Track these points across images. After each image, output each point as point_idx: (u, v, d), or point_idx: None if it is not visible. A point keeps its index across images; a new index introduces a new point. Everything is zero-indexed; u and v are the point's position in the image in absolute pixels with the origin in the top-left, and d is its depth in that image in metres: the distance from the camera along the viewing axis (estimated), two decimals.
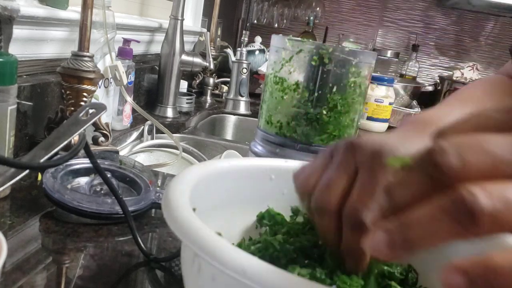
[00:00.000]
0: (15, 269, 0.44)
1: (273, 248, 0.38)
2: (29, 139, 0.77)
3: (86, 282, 0.45)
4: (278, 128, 0.66)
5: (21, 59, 0.75)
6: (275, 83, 0.67)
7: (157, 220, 0.61)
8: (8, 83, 0.58)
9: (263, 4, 2.89)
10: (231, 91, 1.58)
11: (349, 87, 0.64)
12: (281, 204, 0.46)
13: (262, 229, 0.45)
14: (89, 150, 0.49)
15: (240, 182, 0.44)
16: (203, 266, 0.30)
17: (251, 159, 0.46)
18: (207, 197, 0.38)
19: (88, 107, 0.51)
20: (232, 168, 0.43)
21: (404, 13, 2.79)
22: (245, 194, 0.45)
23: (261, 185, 0.45)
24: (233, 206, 0.43)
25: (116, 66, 0.97)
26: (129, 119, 1.09)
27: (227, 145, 1.18)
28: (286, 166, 0.47)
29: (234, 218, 0.43)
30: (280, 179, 0.46)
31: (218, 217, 0.41)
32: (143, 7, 1.36)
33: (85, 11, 0.74)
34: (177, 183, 0.36)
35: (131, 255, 0.51)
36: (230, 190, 0.43)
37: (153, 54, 1.41)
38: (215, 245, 0.28)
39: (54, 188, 0.56)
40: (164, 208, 0.33)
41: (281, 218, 0.45)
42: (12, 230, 0.51)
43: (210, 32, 1.63)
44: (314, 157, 0.37)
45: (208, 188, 0.39)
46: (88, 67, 0.75)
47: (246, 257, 0.27)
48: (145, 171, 0.66)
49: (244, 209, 0.45)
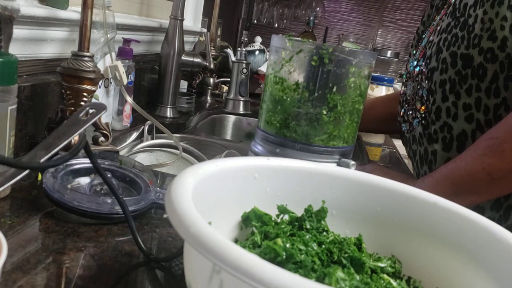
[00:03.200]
0: (15, 269, 0.44)
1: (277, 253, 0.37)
2: (29, 139, 0.77)
3: (86, 282, 0.45)
4: (278, 128, 0.66)
5: (21, 59, 0.75)
6: (275, 83, 0.67)
7: (157, 220, 0.61)
8: (8, 83, 0.58)
9: (263, 4, 2.89)
10: (231, 91, 1.59)
11: (349, 87, 0.64)
12: (265, 202, 0.46)
13: (248, 230, 0.45)
14: (89, 150, 0.49)
15: (225, 182, 0.44)
16: (228, 284, 0.29)
17: (234, 159, 0.46)
18: (195, 201, 0.38)
19: (88, 107, 0.51)
20: (217, 169, 0.42)
21: (404, 13, 2.79)
22: (230, 194, 0.45)
23: (245, 184, 0.46)
24: (219, 208, 0.43)
25: (116, 66, 0.97)
26: (129, 119, 1.09)
27: (227, 145, 1.18)
28: (268, 165, 0.47)
29: (220, 220, 0.43)
30: (263, 178, 0.46)
31: (206, 220, 0.40)
32: (143, 7, 1.36)
33: (85, 11, 0.74)
34: (178, 191, 0.35)
35: (131, 255, 0.51)
36: (215, 192, 0.43)
37: (153, 54, 1.41)
38: (251, 262, 0.26)
39: (54, 188, 0.56)
40: (180, 224, 0.31)
41: (268, 218, 0.45)
42: (12, 230, 0.51)
43: (210, 32, 1.63)
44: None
45: (196, 191, 0.38)
46: (88, 67, 0.75)
47: (289, 276, 0.25)
48: (145, 171, 0.66)
49: (230, 210, 0.45)
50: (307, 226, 0.45)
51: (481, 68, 0.75)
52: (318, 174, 0.48)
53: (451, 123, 0.80)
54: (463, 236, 0.42)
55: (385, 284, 0.39)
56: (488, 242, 0.40)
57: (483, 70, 0.75)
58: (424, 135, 0.86)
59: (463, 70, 0.77)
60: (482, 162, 0.69)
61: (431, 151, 0.85)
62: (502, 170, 0.67)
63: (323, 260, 0.40)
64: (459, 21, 0.80)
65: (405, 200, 0.46)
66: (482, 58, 0.75)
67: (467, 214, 0.43)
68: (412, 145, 0.92)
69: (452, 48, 0.79)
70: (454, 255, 0.43)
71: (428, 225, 0.45)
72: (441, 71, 0.81)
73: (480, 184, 0.70)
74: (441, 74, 0.80)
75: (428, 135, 0.85)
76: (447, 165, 0.75)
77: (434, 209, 0.45)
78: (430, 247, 0.44)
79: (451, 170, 0.73)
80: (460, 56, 0.78)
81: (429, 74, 0.83)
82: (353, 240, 0.45)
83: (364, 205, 0.48)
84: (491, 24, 0.74)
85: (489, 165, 0.68)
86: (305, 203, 0.47)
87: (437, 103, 0.81)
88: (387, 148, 1.48)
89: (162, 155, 1.01)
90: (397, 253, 0.45)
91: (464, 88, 0.77)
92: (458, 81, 0.78)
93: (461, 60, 0.77)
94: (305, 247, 0.40)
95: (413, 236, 0.46)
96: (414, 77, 0.89)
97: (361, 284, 0.35)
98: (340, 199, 0.48)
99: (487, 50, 0.74)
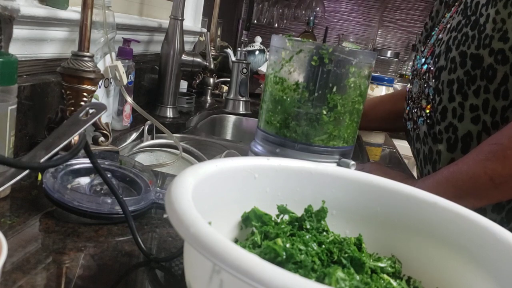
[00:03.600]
0: (15, 269, 0.44)
1: (278, 254, 0.37)
2: (29, 139, 0.77)
3: (86, 282, 0.45)
4: (278, 128, 0.66)
5: (21, 59, 0.75)
6: (275, 83, 0.67)
7: (157, 220, 0.61)
8: (8, 83, 0.58)
9: (263, 4, 2.89)
10: (231, 91, 1.59)
11: (349, 87, 0.64)
12: (265, 202, 0.46)
13: (248, 230, 0.45)
14: (89, 150, 0.49)
15: (225, 182, 0.44)
16: (228, 284, 0.29)
17: (234, 159, 0.46)
18: (195, 201, 0.38)
19: (88, 107, 0.51)
20: (217, 169, 0.42)
21: (404, 13, 2.79)
22: (230, 194, 0.45)
23: (245, 184, 0.46)
24: (219, 208, 0.43)
25: (116, 66, 0.97)
26: (129, 119, 1.09)
27: (227, 145, 1.18)
28: (268, 165, 0.47)
29: (220, 220, 0.43)
30: (263, 178, 0.46)
31: (206, 220, 0.40)
32: (143, 7, 1.36)
33: (85, 11, 0.74)
34: (178, 191, 0.35)
35: (131, 255, 0.51)
36: (215, 192, 0.43)
37: (153, 54, 1.41)
38: (251, 263, 0.26)
39: (54, 188, 0.56)
40: (180, 224, 0.31)
41: (268, 218, 0.45)
42: (12, 230, 0.51)
43: (210, 32, 1.63)
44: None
45: (196, 191, 0.38)
46: (88, 67, 0.75)
47: (289, 276, 0.25)
48: (145, 171, 0.66)
49: (230, 210, 0.45)
50: (307, 226, 0.45)
51: (491, 70, 0.74)
52: (318, 174, 0.48)
53: (457, 124, 0.79)
54: (463, 236, 0.42)
55: (385, 284, 0.39)
56: (488, 242, 0.40)
57: (492, 71, 0.74)
58: (429, 135, 0.85)
59: (472, 71, 0.76)
60: (484, 167, 0.68)
61: (435, 151, 0.84)
62: (504, 176, 0.67)
63: (323, 260, 0.40)
64: (470, 20, 0.78)
65: (405, 200, 0.46)
66: (492, 59, 0.74)
67: (467, 214, 0.43)
68: (416, 144, 0.92)
69: (462, 48, 0.78)
70: (454, 255, 0.43)
71: (428, 225, 0.45)
72: (449, 71, 0.79)
73: (482, 188, 0.69)
74: (449, 73, 0.79)
75: (432, 134, 0.84)
76: (448, 167, 0.74)
77: (434, 209, 0.45)
78: (430, 247, 0.44)
79: (453, 173, 0.72)
80: (469, 56, 0.76)
81: (437, 73, 0.82)
82: (353, 240, 0.45)
83: (364, 205, 0.48)
84: (503, 24, 0.73)
85: (491, 170, 0.67)
86: (305, 203, 0.47)
87: (444, 103, 0.81)
88: (387, 148, 1.48)
89: (162, 155, 1.01)
90: (397, 253, 0.45)
91: (472, 89, 0.76)
92: (466, 81, 0.77)
93: (470, 60, 0.76)
94: (305, 247, 0.40)
95: (413, 236, 0.46)
96: (421, 75, 0.88)
97: (361, 284, 0.35)
98: (340, 199, 0.48)
99: (498, 51, 0.73)
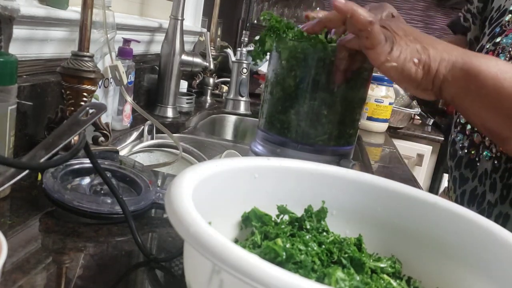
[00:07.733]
0: (15, 269, 0.44)
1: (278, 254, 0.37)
2: (29, 139, 0.77)
3: (86, 282, 0.45)
4: (279, 128, 0.66)
5: (21, 59, 0.75)
6: (275, 83, 0.67)
7: (157, 220, 0.61)
8: (8, 83, 0.58)
9: (263, 4, 2.89)
10: (231, 91, 1.59)
11: (350, 87, 0.64)
12: (265, 202, 0.46)
13: (248, 230, 0.45)
14: (89, 150, 0.49)
15: (225, 182, 0.44)
16: (228, 285, 0.29)
17: (234, 159, 0.46)
18: (195, 201, 0.38)
19: (88, 107, 0.51)
20: (217, 169, 0.42)
21: (404, 13, 2.78)
22: (230, 194, 0.44)
23: (245, 184, 0.45)
24: (219, 208, 0.43)
25: (116, 66, 0.97)
26: (129, 119, 1.09)
27: (227, 145, 1.18)
28: (269, 165, 0.47)
29: (220, 220, 0.43)
30: (263, 178, 0.46)
31: (206, 220, 0.40)
32: (143, 7, 1.36)
33: (85, 11, 0.74)
34: (178, 191, 0.35)
35: (131, 255, 0.51)
36: (215, 192, 0.43)
37: (153, 54, 1.41)
38: (251, 263, 0.26)
39: (54, 188, 0.56)
40: (180, 224, 0.31)
41: (268, 218, 0.45)
42: (12, 230, 0.51)
43: (210, 32, 1.63)
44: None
45: (196, 191, 0.38)
46: (88, 67, 0.75)
47: (289, 276, 0.25)
48: (145, 171, 0.66)
49: (230, 210, 0.45)
50: (307, 226, 0.45)
51: None
52: (319, 174, 0.48)
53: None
54: (462, 236, 0.42)
55: (385, 284, 0.39)
56: (488, 242, 0.40)
57: None
58: (489, 177, 0.75)
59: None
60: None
61: (485, 195, 0.75)
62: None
63: (323, 260, 0.40)
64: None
65: (405, 200, 0.46)
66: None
67: (467, 214, 0.43)
68: (463, 169, 0.80)
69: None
70: (454, 255, 0.43)
71: (428, 225, 0.45)
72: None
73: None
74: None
75: (493, 179, 0.75)
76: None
77: (434, 209, 0.45)
78: (430, 247, 0.44)
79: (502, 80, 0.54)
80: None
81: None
82: (353, 240, 0.45)
83: (364, 205, 0.48)
84: None
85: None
86: (305, 203, 0.47)
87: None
88: (387, 148, 1.48)
89: (162, 155, 1.01)
90: (397, 253, 0.45)
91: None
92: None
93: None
94: (305, 247, 0.40)
95: (413, 236, 0.46)
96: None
97: (361, 284, 0.35)
98: (340, 199, 0.48)
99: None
